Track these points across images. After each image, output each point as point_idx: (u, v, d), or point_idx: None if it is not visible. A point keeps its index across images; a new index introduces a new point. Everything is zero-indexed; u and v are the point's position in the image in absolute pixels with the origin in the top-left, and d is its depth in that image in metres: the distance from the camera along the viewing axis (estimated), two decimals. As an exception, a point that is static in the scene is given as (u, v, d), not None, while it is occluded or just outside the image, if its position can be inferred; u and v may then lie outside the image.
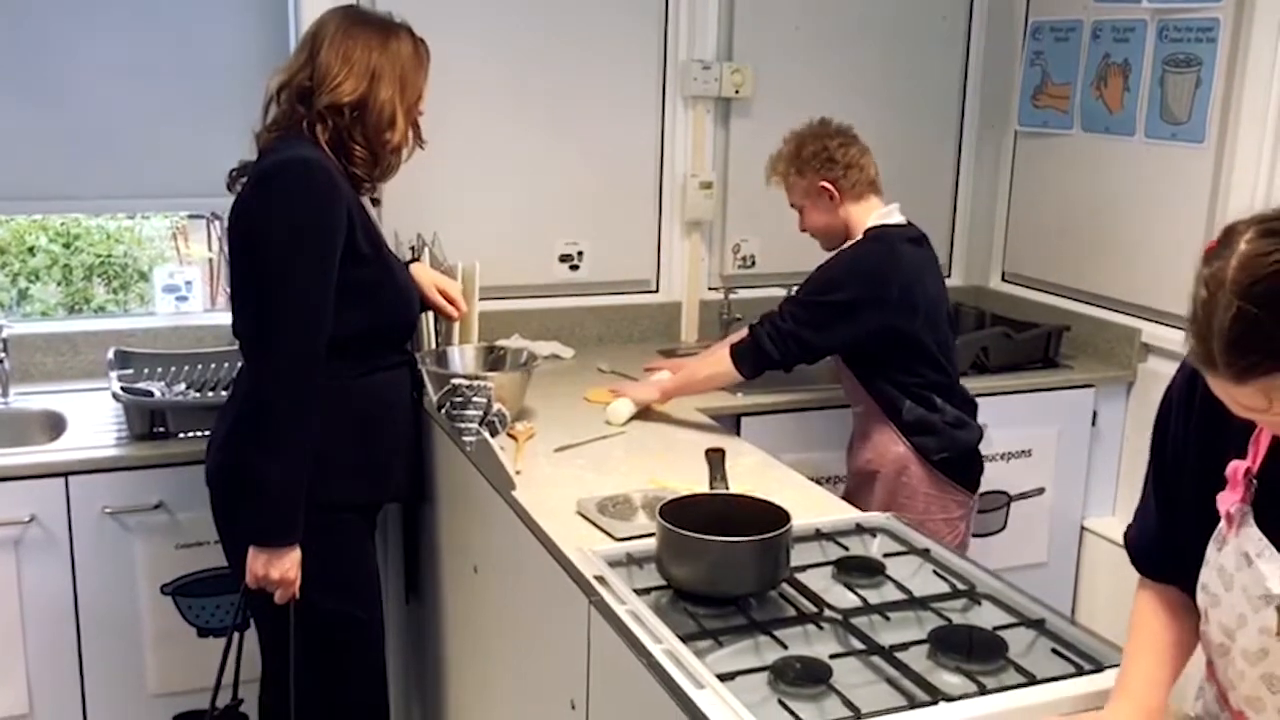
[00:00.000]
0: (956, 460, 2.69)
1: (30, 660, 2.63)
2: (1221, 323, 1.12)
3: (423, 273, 2.58)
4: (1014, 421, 3.33)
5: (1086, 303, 3.59)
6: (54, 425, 2.83)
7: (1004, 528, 3.41)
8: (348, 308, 2.14)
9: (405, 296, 2.33)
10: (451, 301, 2.58)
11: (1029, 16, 3.73)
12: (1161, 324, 3.33)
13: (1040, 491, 3.43)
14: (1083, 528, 3.51)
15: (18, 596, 2.59)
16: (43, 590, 2.61)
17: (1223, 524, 1.34)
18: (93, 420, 2.80)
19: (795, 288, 2.71)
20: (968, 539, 2.72)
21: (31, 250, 4.07)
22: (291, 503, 2.09)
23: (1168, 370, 1.55)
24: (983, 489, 3.30)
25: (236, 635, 2.32)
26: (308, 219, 2.08)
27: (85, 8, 3.00)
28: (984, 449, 3.27)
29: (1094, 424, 3.44)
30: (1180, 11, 3.19)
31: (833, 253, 2.73)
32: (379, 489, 2.39)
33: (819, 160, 2.65)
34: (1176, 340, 3.21)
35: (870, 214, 2.68)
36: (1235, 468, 1.31)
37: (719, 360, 2.67)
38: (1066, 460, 3.43)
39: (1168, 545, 1.48)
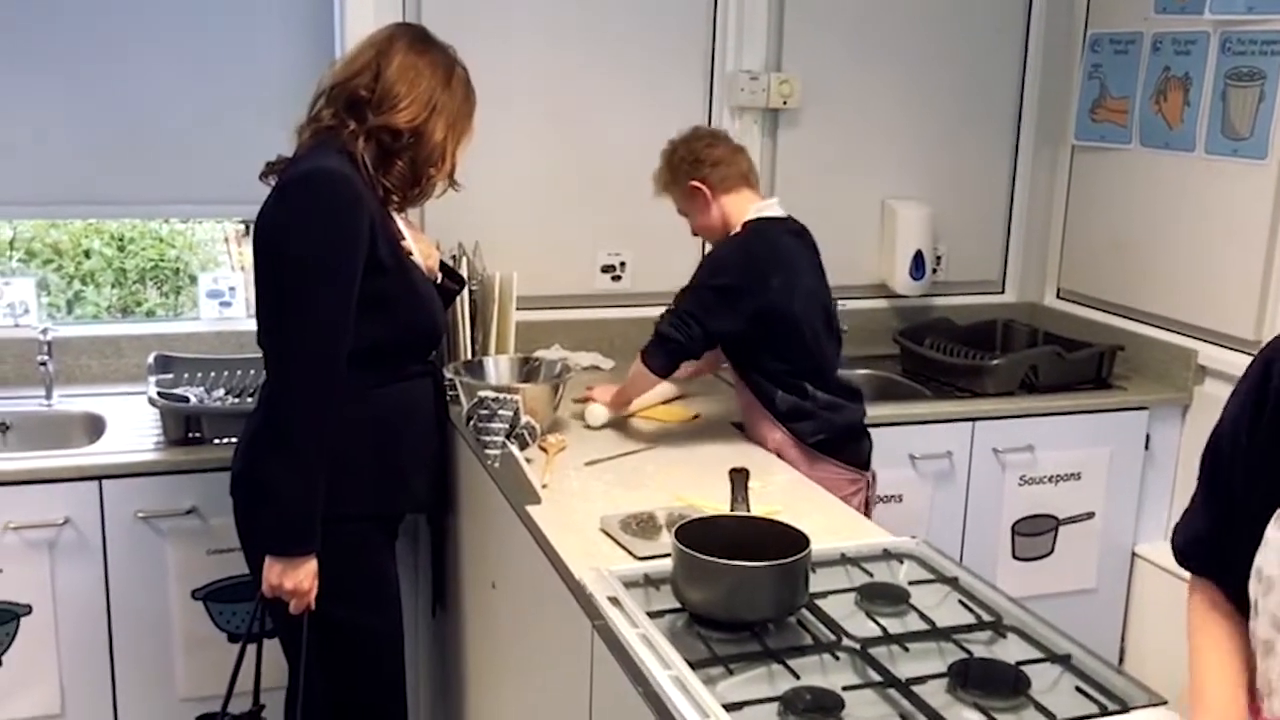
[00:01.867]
0: (836, 440, 2.68)
1: (63, 661, 2.65)
2: None
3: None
4: (1063, 443, 3.25)
5: (1142, 322, 3.49)
6: (94, 428, 2.86)
7: (1051, 552, 3.32)
8: (368, 319, 2.12)
9: (427, 307, 2.31)
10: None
11: (1088, 28, 3.64)
12: (1219, 345, 3.21)
13: (1090, 516, 3.33)
14: (1134, 554, 3.40)
15: (51, 598, 2.61)
16: (76, 592, 2.63)
17: None
18: (132, 424, 2.82)
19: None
20: (867, 515, 2.68)
21: (87, 254, 4.13)
22: (307, 513, 2.08)
23: (1225, 393, 1.53)
24: (1030, 512, 3.26)
25: (254, 642, 2.31)
26: (328, 232, 2.07)
27: (142, 15, 3.04)
28: (1031, 471, 3.23)
29: (1147, 447, 3.34)
30: (1244, 24, 3.09)
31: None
32: (395, 499, 2.36)
33: (686, 164, 2.71)
34: (1234, 362, 3.12)
35: (746, 206, 2.69)
36: None
37: (636, 362, 2.67)
38: (1118, 484, 3.33)
39: (1217, 542, 1.47)
